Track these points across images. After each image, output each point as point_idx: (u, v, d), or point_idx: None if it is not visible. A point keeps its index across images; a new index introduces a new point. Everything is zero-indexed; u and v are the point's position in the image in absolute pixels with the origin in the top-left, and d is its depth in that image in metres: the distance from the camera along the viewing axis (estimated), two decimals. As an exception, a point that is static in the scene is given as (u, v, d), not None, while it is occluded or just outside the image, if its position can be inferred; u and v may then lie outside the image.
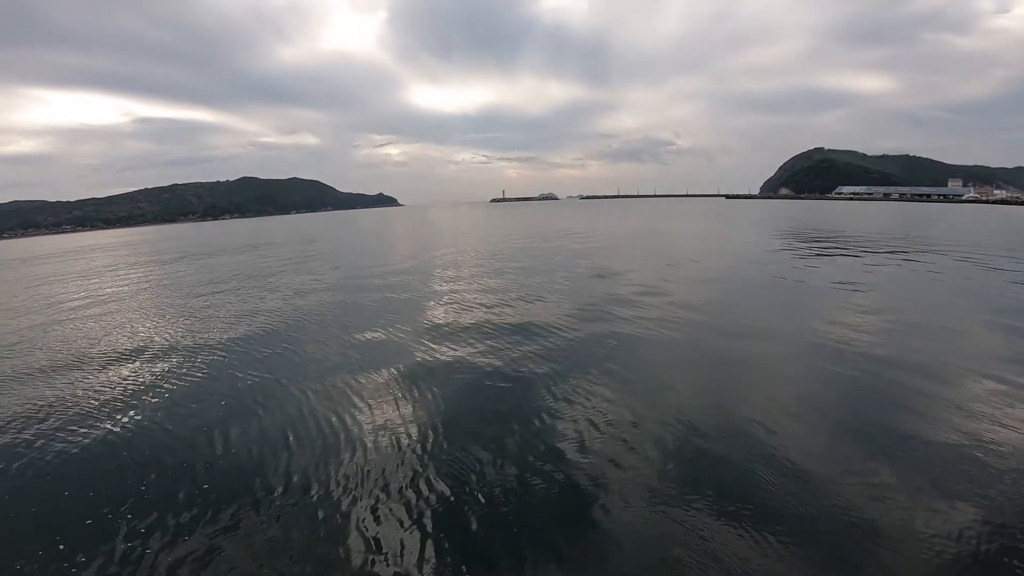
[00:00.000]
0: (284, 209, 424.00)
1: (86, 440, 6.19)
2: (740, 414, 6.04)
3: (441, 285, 15.68)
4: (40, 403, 7.44)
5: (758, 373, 7.52)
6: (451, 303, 12.93)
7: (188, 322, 12.29)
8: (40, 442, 6.19)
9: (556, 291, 13.79)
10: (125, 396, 7.53)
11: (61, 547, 4.27)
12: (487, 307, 12.26)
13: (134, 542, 4.26)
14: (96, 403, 7.32)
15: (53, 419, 6.84)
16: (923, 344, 8.43)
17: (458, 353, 8.76)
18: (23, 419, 6.92)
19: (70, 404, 7.34)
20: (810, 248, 23.20)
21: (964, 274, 15.22)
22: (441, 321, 11.06)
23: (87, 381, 8.31)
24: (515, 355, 8.47)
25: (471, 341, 9.40)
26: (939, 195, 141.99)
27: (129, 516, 4.61)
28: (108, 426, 6.53)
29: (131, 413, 6.90)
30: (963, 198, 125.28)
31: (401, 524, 4.32)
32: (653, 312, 10.90)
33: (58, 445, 6.09)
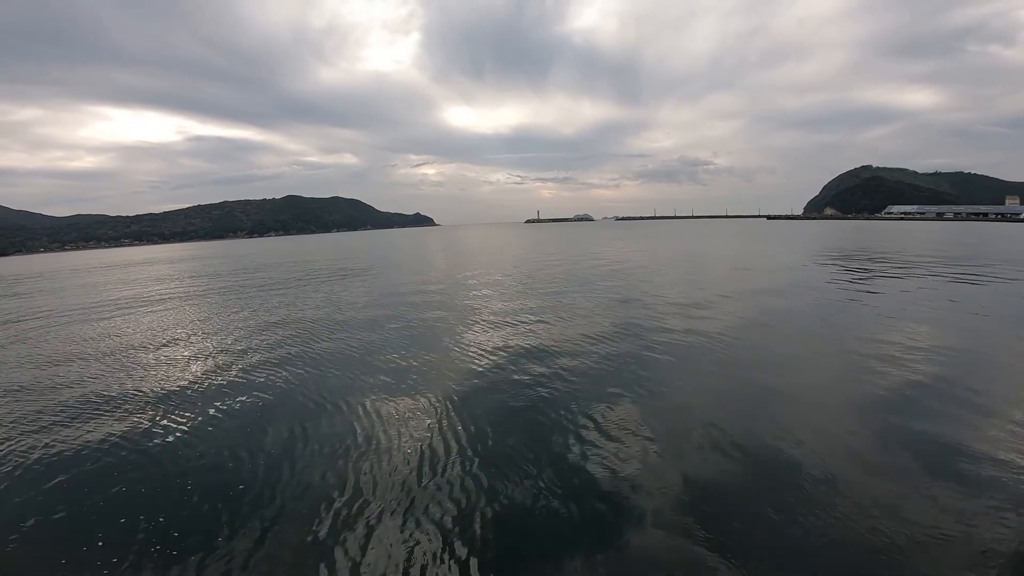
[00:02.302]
0: (326, 227, 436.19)
1: (136, 438, 6.58)
2: (775, 437, 5.93)
3: (484, 311, 15.90)
4: (91, 401, 8.03)
5: (804, 396, 7.32)
6: (493, 321, 13.27)
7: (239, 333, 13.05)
8: (87, 442, 6.53)
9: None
10: (169, 400, 7.99)
11: (100, 544, 4.46)
12: (528, 327, 12.68)
13: (165, 541, 4.42)
14: (140, 403, 7.81)
15: (99, 419, 7.29)
16: (977, 372, 8.02)
17: (493, 368, 9.02)
18: (71, 416, 7.45)
19: (122, 402, 7.88)
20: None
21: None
22: (484, 338, 11.23)
23: (140, 384, 8.84)
24: (550, 373, 8.57)
25: (509, 358, 9.54)
26: (996, 214, 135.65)
27: (164, 516, 4.83)
28: (152, 428, 6.90)
29: (172, 416, 7.32)
30: (1021, 216, 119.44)
31: (432, 531, 4.42)
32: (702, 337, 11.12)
33: (104, 445, 6.44)
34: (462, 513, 4.68)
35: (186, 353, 10.98)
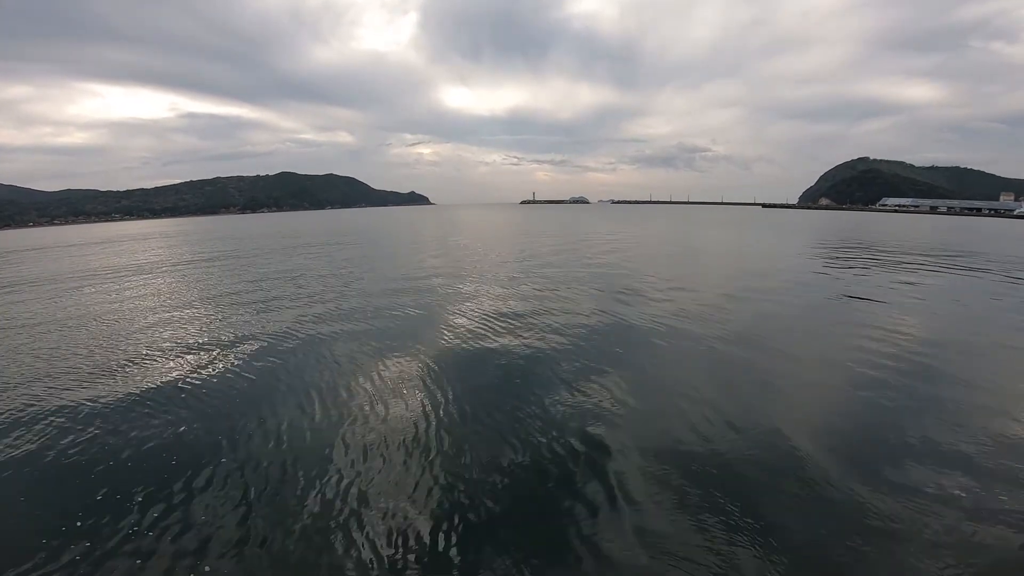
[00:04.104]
0: (319, 204, 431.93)
1: (112, 422, 6.47)
2: (758, 423, 6.08)
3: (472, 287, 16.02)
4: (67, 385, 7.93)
5: (785, 383, 7.60)
6: (489, 301, 13.34)
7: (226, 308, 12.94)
8: (60, 422, 6.50)
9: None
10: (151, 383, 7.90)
11: (78, 524, 4.44)
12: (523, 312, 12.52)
13: (144, 525, 4.39)
14: (119, 389, 7.66)
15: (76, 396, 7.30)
16: (962, 363, 8.40)
17: (481, 348, 9.23)
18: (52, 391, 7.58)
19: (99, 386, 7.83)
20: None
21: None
22: (472, 319, 11.50)
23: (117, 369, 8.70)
24: (538, 357, 8.75)
25: (500, 339, 9.79)
26: (990, 209, 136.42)
27: (142, 500, 4.79)
28: (127, 409, 6.83)
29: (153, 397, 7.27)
30: (1014, 213, 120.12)
31: (411, 519, 4.42)
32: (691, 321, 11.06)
33: (80, 427, 6.37)
34: (455, 492, 4.81)
35: (174, 325, 11.24)
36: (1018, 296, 14.18)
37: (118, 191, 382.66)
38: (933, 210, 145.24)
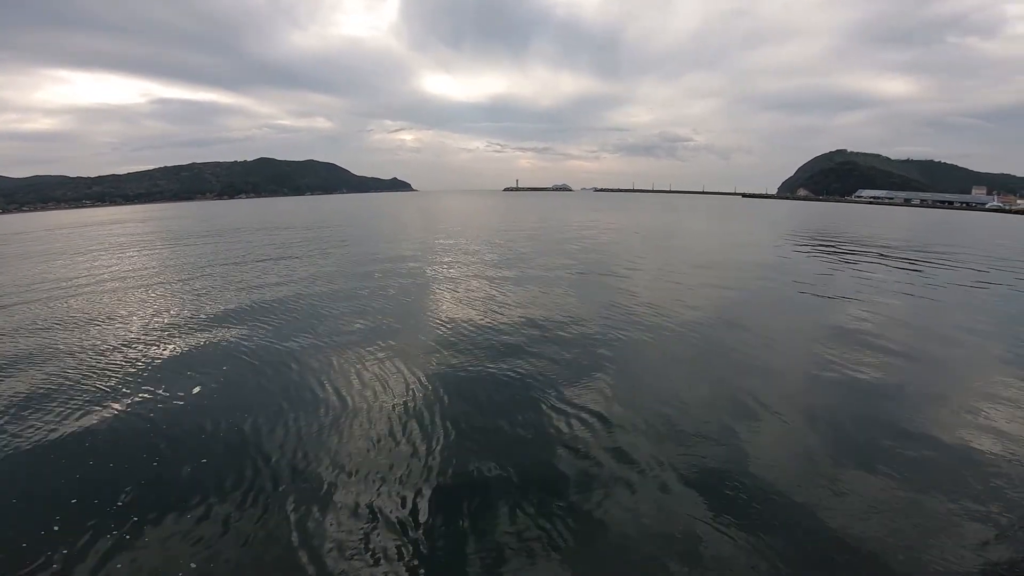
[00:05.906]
0: (299, 190, 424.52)
1: (87, 418, 6.47)
2: (742, 420, 6.29)
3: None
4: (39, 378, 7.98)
5: (766, 380, 7.81)
6: (474, 291, 13.39)
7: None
8: (41, 418, 6.50)
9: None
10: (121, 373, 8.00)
11: (56, 528, 4.39)
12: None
13: (129, 519, 4.43)
14: (91, 382, 7.67)
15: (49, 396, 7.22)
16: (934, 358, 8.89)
17: (467, 346, 9.30)
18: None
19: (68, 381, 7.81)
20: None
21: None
22: (459, 310, 11.79)
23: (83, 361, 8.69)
24: (524, 351, 8.91)
25: (482, 335, 9.86)
26: (962, 203, 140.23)
27: (123, 497, 4.81)
28: (106, 404, 6.86)
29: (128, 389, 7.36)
30: (985, 206, 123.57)
31: (398, 517, 4.48)
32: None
33: (60, 421, 6.40)
34: (434, 499, 4.83)
35: (157, 322, 11.31)
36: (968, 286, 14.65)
37: (88, 177, 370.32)
38: (907, 202, 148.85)
